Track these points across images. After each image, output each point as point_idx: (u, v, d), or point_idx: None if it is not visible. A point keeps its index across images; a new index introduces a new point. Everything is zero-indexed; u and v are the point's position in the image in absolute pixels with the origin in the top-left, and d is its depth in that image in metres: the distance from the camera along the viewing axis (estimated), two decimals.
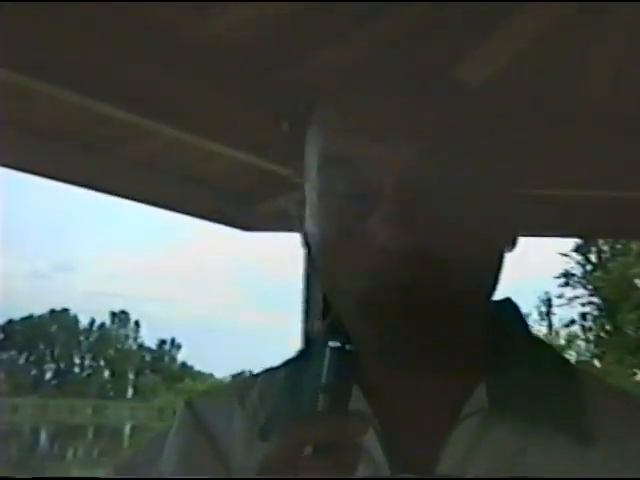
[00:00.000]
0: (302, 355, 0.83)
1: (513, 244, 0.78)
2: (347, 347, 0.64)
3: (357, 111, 0.73)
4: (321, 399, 0.63)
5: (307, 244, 0.78)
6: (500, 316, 0.80)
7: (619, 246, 19.20)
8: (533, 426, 0.72)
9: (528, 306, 23.08)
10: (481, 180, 0.72)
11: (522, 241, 0.82)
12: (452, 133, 0.71)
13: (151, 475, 0.80)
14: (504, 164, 0.77)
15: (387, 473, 0.72)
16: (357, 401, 0.72)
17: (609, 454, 0.72)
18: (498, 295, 0.80)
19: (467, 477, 0.71)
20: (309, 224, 0.76)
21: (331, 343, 0.64)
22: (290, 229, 0.81)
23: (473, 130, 0.73)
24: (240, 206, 2.96)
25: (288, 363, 0.84)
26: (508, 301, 0.83)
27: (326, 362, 0.64)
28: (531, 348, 0.79)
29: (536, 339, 0.82)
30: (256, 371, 0.87)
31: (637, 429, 0.74)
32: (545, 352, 0.81)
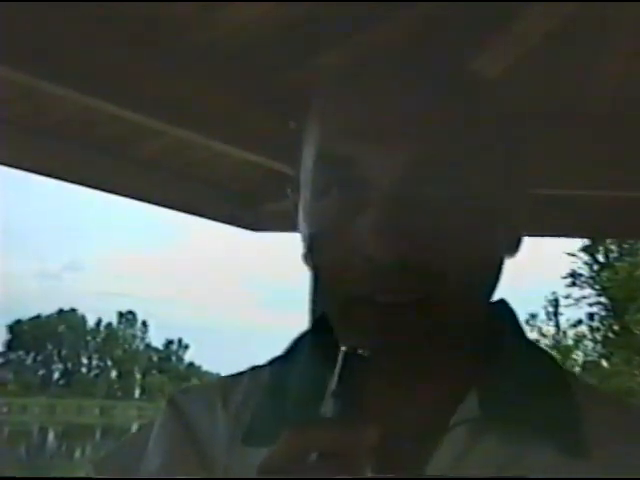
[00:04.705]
0: (289, 354, 0.80)
1: (515, 249, 0.75)
2: (361, 352, 0.61)
3: (355, 112, 0.70)
4: (331, 404, 0.61)
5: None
6: (494, 320, 0.76)
7: (626, 246, 19.14)
8: (525, 436, 0.69)
9: (535, 306, 23.03)
10: (480, 187, 0.69)
11: (528, 241, 0.79)
12: (450, 139, 0.68)
13: (134, 473, 0.76)
14: (503, 167, 0.73)
15: None
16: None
17: (603, 466, 0.69)
18: (501, 296, 0.76)
19: (463, 477, 0.68)
20: (301, 221, 0.74)
21: (343, 347, 0.62)
22: (297, 229, 0.80)
23: (472, 134, 0.70)
24: (247, 206, 2.96)
25: (274, 361, 0.80)
26: (502, 303, 0.79)
27: (338, 366, 0.61)
28: (525, 354, 0.76)
29: (531, 345, 0.78)
30: None
31: (633, 440, 0.70)
32: (540, 359, 0.77)
